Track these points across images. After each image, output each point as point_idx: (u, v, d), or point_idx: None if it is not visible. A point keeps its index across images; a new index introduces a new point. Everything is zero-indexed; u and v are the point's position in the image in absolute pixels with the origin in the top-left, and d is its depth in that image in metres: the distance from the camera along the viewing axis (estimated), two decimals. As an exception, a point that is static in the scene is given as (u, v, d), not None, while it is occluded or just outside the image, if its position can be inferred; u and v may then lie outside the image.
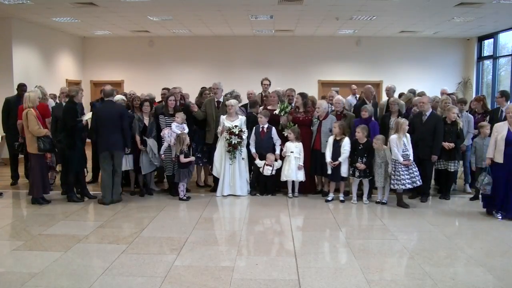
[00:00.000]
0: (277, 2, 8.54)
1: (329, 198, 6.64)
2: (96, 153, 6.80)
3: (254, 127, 6.87)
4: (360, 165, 6.29)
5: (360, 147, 6.35)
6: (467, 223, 5.70)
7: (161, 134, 6.67)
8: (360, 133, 6.31)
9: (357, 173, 6.36)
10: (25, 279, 3.78)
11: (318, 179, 7.18)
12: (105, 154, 6.31)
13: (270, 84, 8.15)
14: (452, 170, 6.69)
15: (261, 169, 6.73)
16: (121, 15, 9.76)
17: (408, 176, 6.16)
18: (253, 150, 6.85)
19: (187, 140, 6.51)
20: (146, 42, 12.99)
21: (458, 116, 6.74)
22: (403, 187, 6.16)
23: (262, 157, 6.78)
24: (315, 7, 8.95)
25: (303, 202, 6.62)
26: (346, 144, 6.34)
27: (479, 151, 6.50)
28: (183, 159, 6.46)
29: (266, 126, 6.82)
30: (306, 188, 6.94)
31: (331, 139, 6.47)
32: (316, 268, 4.11)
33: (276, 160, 6.73)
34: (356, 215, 6.04)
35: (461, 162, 7.04)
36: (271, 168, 6.69)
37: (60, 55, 12.02)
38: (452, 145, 6.50)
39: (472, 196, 6.83)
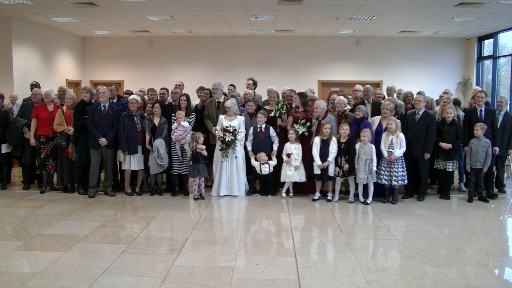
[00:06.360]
0: (277, 2, 8.54)
1: (316, 197, 6.70)
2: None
3: (252, 127, 6.87)
4: (345, 165, 6.38)
5: (342, 146, 6.45)
6: (467, 223, 5.70)
7: (172, 127, 6.80)
8: (344, 132, 6.42)
9: (341, 173, 6.45)
10: (25, 279, 3.78)
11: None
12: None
13: (253, 84, 8.19)
14: (450, 170, 6.67)
15: (258, 170, 6.74)
16: (121, 15, 9.76)
17: (388, 173, 6.37)
18: (249, 148, 6.83)
19: (187, 138, 6.66)
20: (146, 42, 12.98)
21: (458, 117, 6.74)
22: (380, 181, 6.41)
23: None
24: (315, 7, 8.95)
25: (302, 202, 6.62)
26: (334, 144, 6.44)
27: (474, 152, 6.48)
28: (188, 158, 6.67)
29: (263, 126, 6.81)
30: (306, 188, 6.93)
31: (317, 140, 6.51)
32: (316, 268, 4.11)
33: (271, 159, 6.74)
34: (356, 215, 6.04)
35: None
36: (267, 166, 6.70)
37: (60, 55, 12.01)
38: (449, 145, 6.50)
39: (468, 197, 6.67)
